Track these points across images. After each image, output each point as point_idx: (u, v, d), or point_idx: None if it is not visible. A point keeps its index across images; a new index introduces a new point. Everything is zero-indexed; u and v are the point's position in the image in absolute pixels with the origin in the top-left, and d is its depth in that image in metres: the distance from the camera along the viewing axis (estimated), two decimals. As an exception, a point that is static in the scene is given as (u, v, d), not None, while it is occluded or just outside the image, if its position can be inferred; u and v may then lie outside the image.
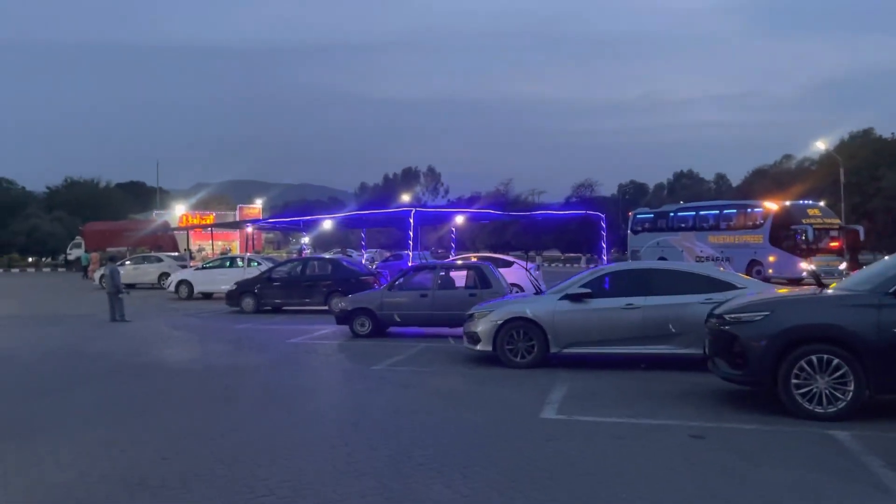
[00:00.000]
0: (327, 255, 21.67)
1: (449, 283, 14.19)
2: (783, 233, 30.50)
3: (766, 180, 57.91)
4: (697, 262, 35.20)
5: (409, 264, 19.04)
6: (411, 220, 19.32)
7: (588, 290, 10.01)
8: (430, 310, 13.59)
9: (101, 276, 32.60)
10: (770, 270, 30.82)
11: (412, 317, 13.81)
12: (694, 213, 36.97)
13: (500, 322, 10.18)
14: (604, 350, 9.99)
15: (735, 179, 78.90)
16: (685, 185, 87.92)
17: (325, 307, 18.48)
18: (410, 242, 19.26)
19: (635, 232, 40.05)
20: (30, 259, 65.66)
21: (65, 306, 21.81)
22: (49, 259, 66.59)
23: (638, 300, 9.82)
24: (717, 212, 35.28)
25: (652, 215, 39.59)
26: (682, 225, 36.79)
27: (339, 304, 14.35)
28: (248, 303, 19.64)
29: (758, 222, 32.33)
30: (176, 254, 36.68)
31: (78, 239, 58.12)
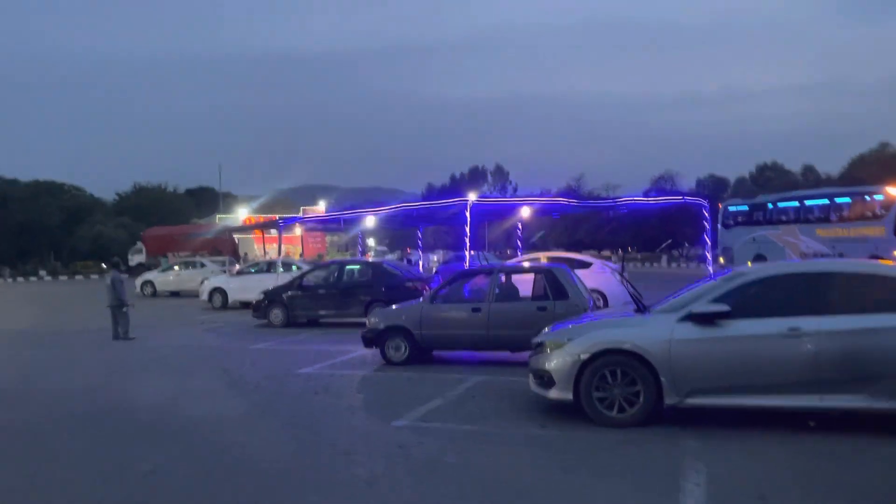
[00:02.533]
0: (372, 258, 18.43)
1: (510, 294, 10.73)
2: (914, 223, 25.68)
3: (872, 167, 51.75)
4: (802, 259, 30.68)
5: (466, 267, 15.67)
6: (467, 214, 15.93)
7: (724, 308, 6.40)
8: (484, 329, 10.18)
9: (143, 284, 30.79)
10: (898, 268, 26.00)
11: (461, 338, 10.42)
12: (797, 203, 32.21)
13: (585, 357, 6.67)
14: (751, 402, 6.36)
15: (825, 170, 72.24)
16: (769, 178, 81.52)
17: (365, 319, 15.36)
18: (467, 241, 15.89)
19: (727, 226, 35.54)
20: (101, 265, 65.58)
21: (83, 319, 19.40)
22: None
23: (807, 322, 6.17)
24: (827, 201, 30.45)
25: (747, 207, 34.95)
26: (784, 217, 32.10)
27: (369, 320, 11.06)
28: (276, 315, 16.67)
29: (878, 212, 27.48)
30: (221, 258, 34.36)
31: (138, 245, 57.36)
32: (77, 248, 65.62)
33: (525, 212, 17.15)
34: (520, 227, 22.25)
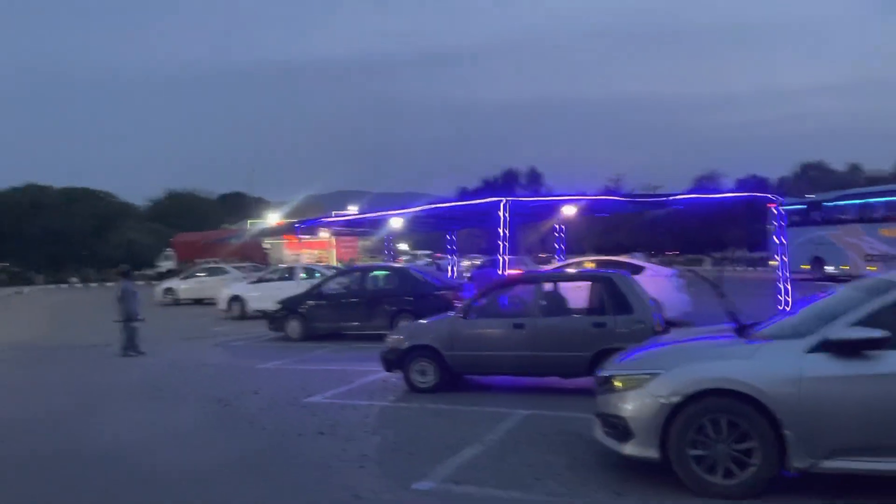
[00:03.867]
0: (398, 265, 16.74)
1: (559, 306, 8.93)
2: None
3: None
4: (867, 261, 28.27)
5: (501, 274, 13.89)
6: (502, 214, 14.14)
7: (878, 334, 4.54)
8: (528, 349, 8.39)
9: (165, 291, 29.56)
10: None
11: (500, 360, 8.64)
12: (860, 201, 29.75)
13: (677, 400, 4.85)
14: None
15: (873, 168, 68.57)
16: (814, 178, 78.07)
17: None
18: (501, 244, 14.10)
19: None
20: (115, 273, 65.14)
21: (95, 331, 18.03)
22: (141, 272, 65.87)
23: None
24: (894, 199, 27.99)
25: (804, 206, 32.51)
26: (843, 216, 29.70)
27: (389, 338, 9.33)
28: (293, 327, 15.08)
29: (956, 208, 25.06)
30: (246, 265, 32.99)
31: (168, 251, 56.64)
32: (109, 255, 65.27)
33: (568, 210, 15.31)
34: (559, 228, 20.38)
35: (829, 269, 29.78)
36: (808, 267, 30.70)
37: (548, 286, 8.85)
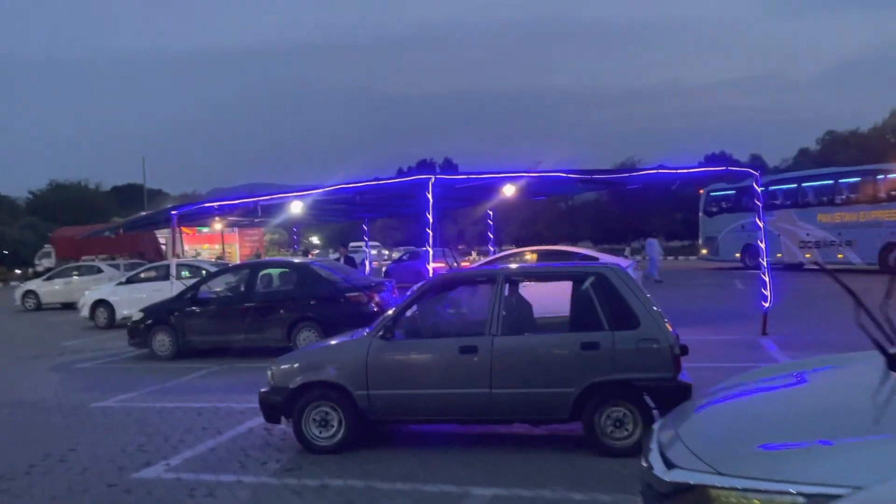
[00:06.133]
0: (297, 260, 13.45)
1: (528, 319, 6.10)
2: (942, 204, 22.14)
3: (853, 149, 48.66)
4: (802, 248, 26.99)
5: (429, 269, 10.97)
6: (429, 196, 11.18)
7: None
8: (484, 385, 5.53)
9: (25, 294, 25.01)
10: (921, 255, 22.49)
11: (442, 403, 5.71)
12: (794, 185, 28.50)
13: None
14: None
15: (772, 160, 69.80)
16: (720, 167, 79.20)
17: (289, 344, 10.63)
18: (429, 231, 11.17)
19: (710, 214, 31.76)
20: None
21: None
22: (18, 272, 59.27)
23: None
24: (831, 182, 26.78)
25: (734, 192, 31.12)
26: (777, 201, 28.28)
27: (273, 370, 6.17)
28: (161, 342, 11.67)
29: (894, 193, 23.93)
30: (131, 261, 28.68)
31: (47, 247, 50.75)
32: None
33: (507, 191, 12.54)
34: (490, 215, 17.66)
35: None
36: (740, 256, 29.33)
37: (512, 288, 5.95)
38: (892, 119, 53.67)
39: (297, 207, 13.08)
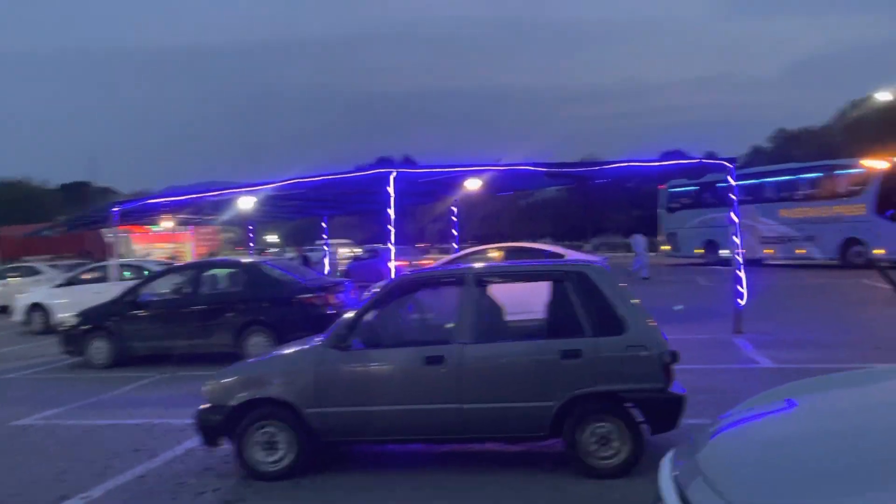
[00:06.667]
0: (247, 259, 12.58)
1: (501, 324, 5.45)
2: (901, 198, 22.25)
3: (804, 147, 49.39)
4: (763, 244, 26.97)
5: (391, 269, 10.31)
6: (391, 191, 10.50)
7: None
8: (453, 400, 4.88)
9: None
10: (881, 250, 22.55)
11: (405, 420, 5.04)
12: (756, 181, 28.49)
13: None
14: None
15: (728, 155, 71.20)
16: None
17: (236, 351, 9.86)
18: (391, 228, 10.49)
19: (671, 210, 31.65)
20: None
21: None
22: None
23: None
24: (791, 177, 26.83)
25: (695, 188, 31.06)
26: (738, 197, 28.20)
27: (209, 387, 5.40)
28: (97, 349, 10.76)
29: (855, 187, 24.01)
30: (76, 262, 27.27)
31: (-13, 248, 48.51)
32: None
33: (472, 185, 11.89)
34: (454, 211, 17.03)
35: (724, 252, 28.37)
36: (703, 251, 29.26)
37: (482, 290, 5.30)
38: (841, 118, 55.01)
39: (247, 203, 12.25)
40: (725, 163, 10.94)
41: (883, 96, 36.96)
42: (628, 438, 4.78)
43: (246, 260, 11.91)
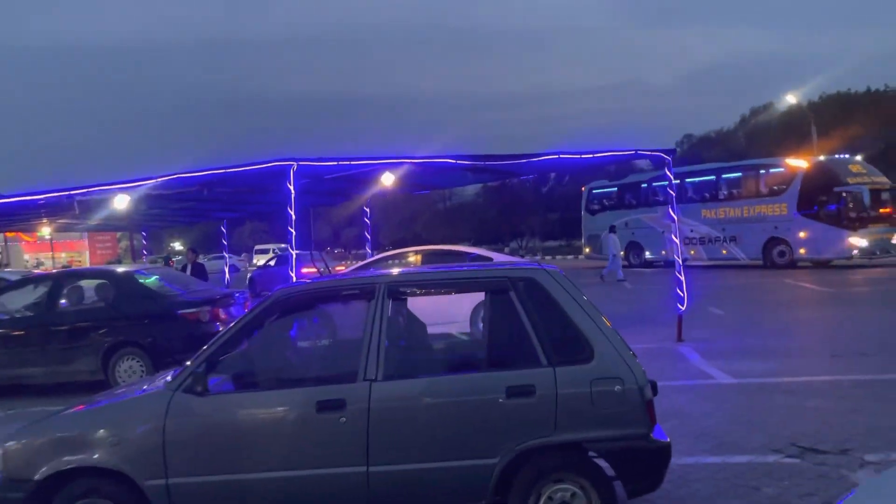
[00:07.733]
0: (119, 268, 10.63)
1: (421, 350, 4.05)
2: (821, 198, 22.21)
3: (709, 151, 50.39)
4: (686, 245, 26.66)
5: (292, 273, 8.76)
6: (291, 187, 8.95)
7: None
8: (356, 461, 3.44)
9: None
10: (802, 250, 22.51)
11: (291, 497, 3.55)
12: (677, 181, 28.17)
13: None
14: None
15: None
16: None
17: (103, 378, 8.11)
18: (291, 230, 8.94)
19: (592, 212, 31.13)
20: None
21: None
22: None
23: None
24: (713, 177, 26.62)
25: (616, 189, 30.68)
26: (660, 198, 27.85)
27: (4, 454, 3.78)
28: (-73, 381, 8.71)
29: (778, 187, 23.95)
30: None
31: None
32: None
33: (387, 181, 10.47)
34: (367, 211, 15.55)
35: (648, 255, 27.96)
36: (625, 254, 28.80)
37: (398, 305, 3.86)
38: (743, 123, 57.37)
39: (123, 202, 10.38)
40: (663, 154, 9.89)
41: (789, 100, 37.95)
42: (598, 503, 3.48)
43: (117, 270, 10.04)
